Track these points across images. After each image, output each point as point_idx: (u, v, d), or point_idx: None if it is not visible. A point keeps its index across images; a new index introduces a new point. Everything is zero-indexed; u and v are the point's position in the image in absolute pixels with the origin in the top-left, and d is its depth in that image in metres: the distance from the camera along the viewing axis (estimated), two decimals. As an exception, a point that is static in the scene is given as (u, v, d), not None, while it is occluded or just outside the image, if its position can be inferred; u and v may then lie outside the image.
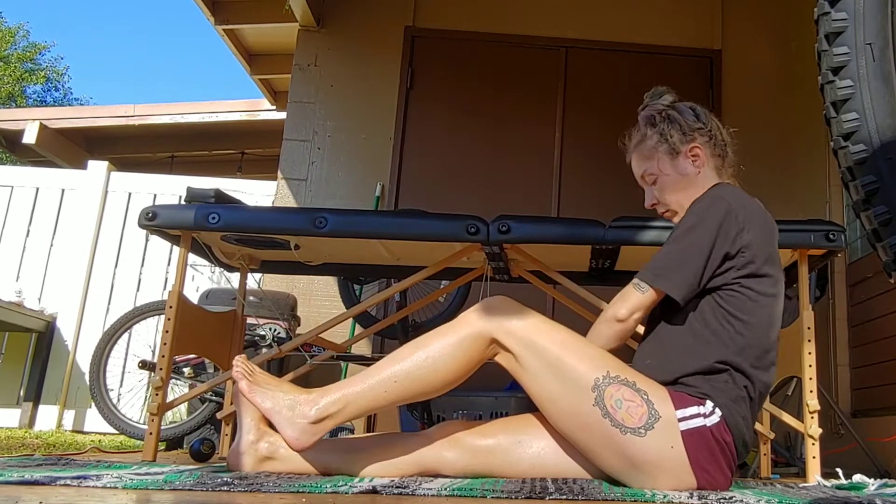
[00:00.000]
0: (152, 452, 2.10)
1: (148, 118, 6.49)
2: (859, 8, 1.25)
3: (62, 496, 1.13)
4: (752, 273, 1.50)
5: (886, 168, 1.22)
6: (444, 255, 2.28)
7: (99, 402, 3.38)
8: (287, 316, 3.47)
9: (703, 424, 1.43)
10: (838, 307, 3.55)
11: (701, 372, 1.47)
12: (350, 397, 1.52)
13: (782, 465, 3.02)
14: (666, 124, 1.69)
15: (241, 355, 1.67)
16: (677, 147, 1.66)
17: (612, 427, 1.41)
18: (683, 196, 1.66)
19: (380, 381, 1.51)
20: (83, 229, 4.79)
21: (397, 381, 1.50)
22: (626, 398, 1.42)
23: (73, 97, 19.98)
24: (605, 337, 1.58)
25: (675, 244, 1.55)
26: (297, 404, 1.54)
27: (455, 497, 1.27)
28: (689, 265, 1.50)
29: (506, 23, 4.49)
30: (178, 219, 2.19)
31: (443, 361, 1.50)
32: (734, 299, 1.50)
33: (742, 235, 1.50)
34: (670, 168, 1.67)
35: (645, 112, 1.75)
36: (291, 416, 1.53)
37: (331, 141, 4.34)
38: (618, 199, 4.20)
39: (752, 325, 1.49)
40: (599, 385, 1.43)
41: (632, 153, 1.76)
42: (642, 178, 1.74)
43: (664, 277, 1.52)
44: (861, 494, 1.44)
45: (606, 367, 1.46)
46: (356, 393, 1.52)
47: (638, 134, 1.74)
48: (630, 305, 1.54)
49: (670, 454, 1.41)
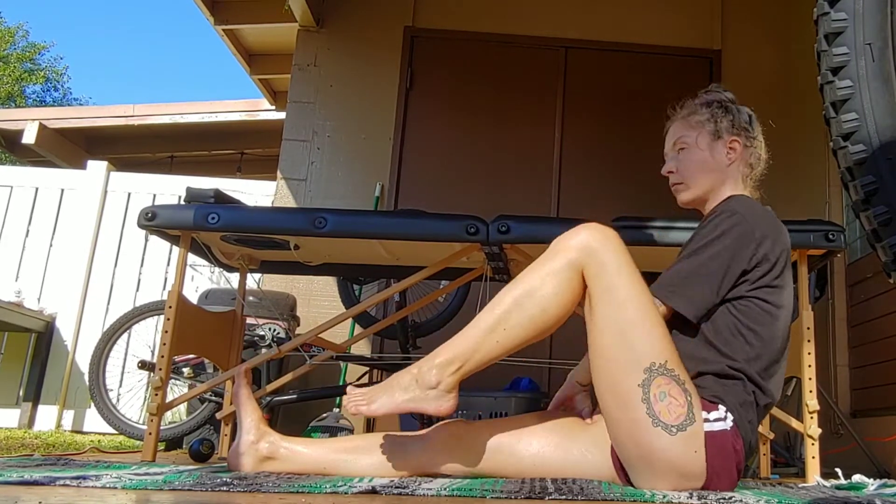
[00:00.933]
0: (151, 452, 2.10)
1: (147, 118, 6.49)
2: (859, 8, 1.25)
3: (61, 496, 1.13)
4: (766, 285, 1.50)
5: (886, 168, 1.22)
6: (444, 255, 2.28)
7: (98, 403, 3.38)
8: (286, 316, 3.47)
9: (723, 429, 1.42)
10: (838, 307, 3.55)
11: (713, 374, 1.47)
12: (461, 357, 1.45)
13: (782, 465, 3.02)
14: (721, 111, 1.70)
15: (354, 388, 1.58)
16: (721, 133, 1.67)
17: (647, 414, 1.38)
18: (701, 176, 1.67)
19: (488, 332, 1.45)
20: (83, 229, 4.79)
21: (506, 329, 1.44)
22: (671, 394, 1.39)
23: (73, 97, 19.99)
24: None
25: (692, 260, 1.53)
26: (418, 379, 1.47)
27: (455, 497, 1.27)
28: (703, 284, 1.49)
29: (505, 23, 4.49)
30: (178, 219, 2.18)
31: (547, 300, 1.45)
32: (747, 310, 1.50)
33: (758, 251, 1.50)
34: (706, 146, 1.68)
35: (707, 95, 1.75)
36: (423, 394, 1.46)
37: (330, 141, 4.34)
38: (617, 199, 4.21)
39: (763, 336, 1.49)
40: (654, 370, 1.39)
41: (676, 121, 1.76)
42: (675, 144, 1.73)
43: (678, 295, 1.50)
44: (860, 494, 1.44)
45: (666, 356, 1.41)
46: (466, 349, 1.45)
47: (691, 106, 1.74)
48: None
49: (692, 458, 1.39)
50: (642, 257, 2.32)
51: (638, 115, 4.29)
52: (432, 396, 1.45)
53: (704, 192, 1.69)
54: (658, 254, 2.25)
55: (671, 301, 1.50)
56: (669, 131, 1.77)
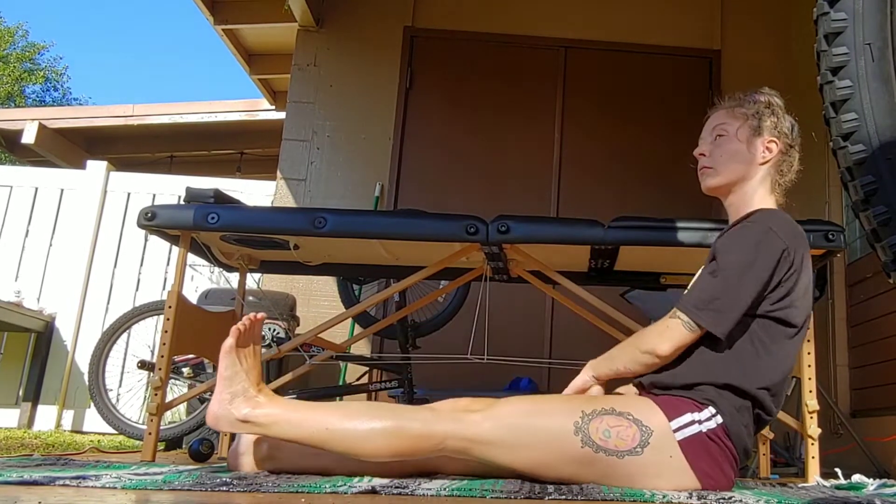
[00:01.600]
0: (151, 452, 2.10)
1: (147, 118, 6.49)
2: (858, 8, 1.25)
3: (61, 496, 1.13)
4: (786, 306, 1.50)
5: (886, 168, 1.22)
6: (444, 255, 2.28)
7: (98, 402, 3.38)
8: (286, 316, 3.47)
9: (699, 431, 1.43)
10: (838, 307, 3.55)
11: (714, 385, 1.47)
12: (283, 422, 1.50)
13: (782, 465, 3.02)
14: (768, 110, 1.69)
15: (258, 315, 1.64)
16: (762, 131, 1.66)
17: (609, 457, 1.41)
18: (733, 166, 1.65)
19: (316, 423, 1.48)
20: (82, 229, 4.78)
21: (328, 430, 1.46)
22: (611, 426, 1.42)
23: (73, 97, 19.98)
24: (640, 364, 1.55)
25: (729, 280, 1.50)
26: (242, 395, 1.53)
27: (455, 497, 1.27)
28: (740, 305, 1.48)
29: (505, 23, 4.49)
30: (178, 219, 2.18)
31: (378, 444, 1.45)
32: (763, 328, 1.49)
33: (790, 274, 1.50)
34: (745, 138, 1.66)
35: (756, 94, 1.74)
36: (228, 399, 1.53)
37: (330, 141, 4.34)
38: (617, 199, 4.22)
39: (774, 354, 1.49)
40: (580, 427, 1.42)
41: (721, 108, 1.73)
42: (713, 129, 1.71)
43: (715, 319, 1.48)
44: (860, 494, 1.44)
45: (579, 409, 1.45)
46: (288, 420, 1.50)
47: (739, 99, 1.72)
48: (675, 343, 1.50)
49: (670, 463, 1.41)
50: (643, 257, 2.33)
51: (638, 115, 4.30)
52: (224, 412, 1.53)
53: (731, 182, 1.66)
54: (658, 254, 2.25)
55: (707, 324, 1.48)
56: (711, 118, 1.74)
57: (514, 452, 1.44)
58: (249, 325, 1.61)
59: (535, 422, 1.45)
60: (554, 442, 1.43)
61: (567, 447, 1.42)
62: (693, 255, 2.13)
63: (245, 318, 1.62)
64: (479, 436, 1.44)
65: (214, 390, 1.57)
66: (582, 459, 1.42)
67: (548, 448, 1.43)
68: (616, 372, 1.59)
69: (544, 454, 1.44)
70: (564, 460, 1.43)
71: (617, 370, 1.59)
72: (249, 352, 1.60)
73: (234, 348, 1.57)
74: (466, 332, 2.46)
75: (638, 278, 2.55)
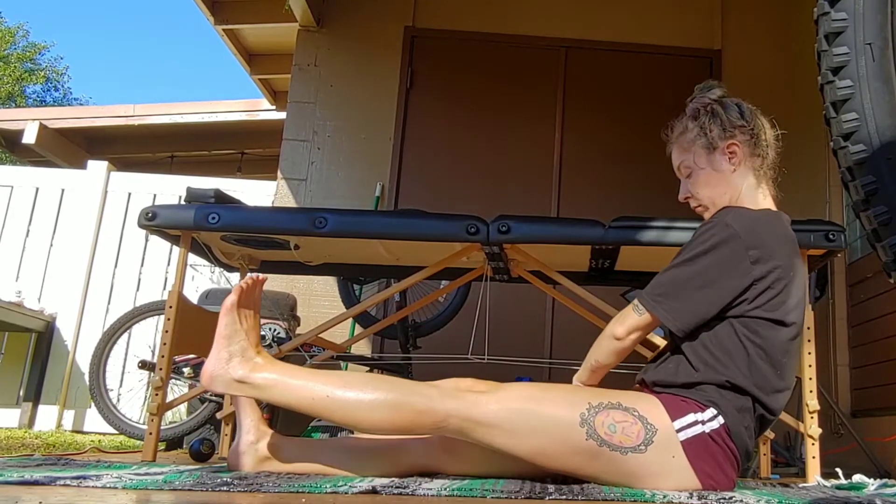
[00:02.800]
0: (152, 452, 2.10)
1: (147, 118, 6.49)
2: (859, 8, 1.25)
3: (62, 496, 1.13)
4: (768, 300, 1.48)
5: (886, 168, 1.22)
6: (444, 255, 2.28)
7: (98, 402, 3.38)
8: (287, 316, 3.47)
9: (701, 431, 1.43)
10: (838, 307, 3.55)
11: (714, 384, 1.47)
12: (281, 386, 1.48)
13: (782, 465, 3.02)
14: (708, 118, 1.65)
15: (260, 276, 1.63)
16: (715, 142, 1.63)
17: (613, 452, 1.41)
18: (715, 192, 1.63)
19: (316, 390, 1.46)
20: (83, 229, 4.79)
21: (329, 397, 1.45)
22: (617, 420, 1.42)
23: (73, 97, 19.99)
24: (604, 351, 1.59)
25: (681, 271, 1.52)
26: (240, 355, 1.52)
27: (455, 497, 1.27)
28: (689, 297, 1.49)
29: (506, 23, 4.49)
30: (178, 219, 2.18)
31: (379, 416, 1.44)
32: (751, 328, 1.48)
33: (753, 270, 1.47)
34: (705, 162, 1.64)
35: (691, 104, 1.71)
36: (226, 358, 1.52)
37: (330, 141, 4.34)
38: (618, 199, 4.22)
39: (769, 353, 1.48)
40: (587, 419, 1.41)
41: (673, 144, 1.72)
42: (678, 169, 1.71)
43: (662, 306, 1.51)
44: (861, 494, 1.44)
45: (586, 401, 1.44)
46: (287, 385, 1.48)
47: (680, 125, 1.70)
48: (627, 326, 1.55)
49: (672, 463, 1.41)
50: (643, 257, 2.33)
51: (638, 115, 4.29)
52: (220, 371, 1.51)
53: (727, 204, 1.63)
54: (659, 254, 2.25)
55: (655, 311, 1.51)
56: (672, 156, 1.73)
57: (516, 438, 1.43)
58: (252, 284, 1.59)
59: (540, 409, 1.44)
60: (558, 431, 1.42)
61: (571, 438, 1.41)
62: (693, 255, 2.13)
63: (247, 277, 1.61)
64: (482, 417, 1.42)
65: (212, 349, 1.54)
66: (585, 452, 1.41)
67: (551, 437, 1.42)
68: (592, 368, 1.62)
69: (547, 442, 1.42)
70: (567, 451, 1.42)
71: (591, 366, 1.62)
72: (250, 313, 1.59)
73: (235, 306, 1.55)
74: (467, 332, 2.46)
75: (638, 278, 2.55)
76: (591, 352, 1.63)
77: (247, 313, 1.58)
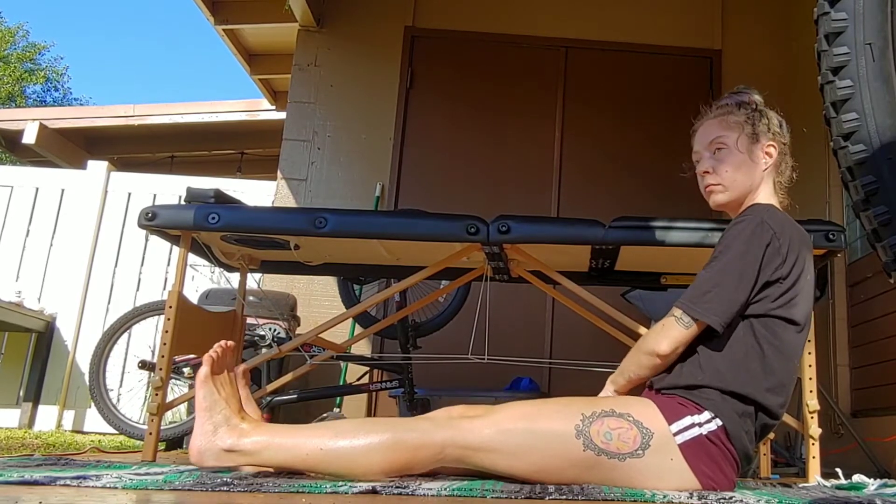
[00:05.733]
0: (152, 452, 2.10)
1: (148, 118, 6.49)
2: (859, 8, 1.25)
3: (62, 496, 1.13)
4: (790, 301, 1.49)
5: (886, 168, 1.22)
6: (444, 255, 2.28)
7: (98, 402, 3.38)
8: (287, 316, 3.47)
9: (699, 434, 1.43)
10: (838, 307, 3.55)
11: (719, 390, 1.47)
12: (273, 447, 1.46)
13: (782, 465, 3.02)
14: (757, 114, 1.66)
15: (227, 342, 1.61)
16: (759, 136, 1.64)
17: (611, 459, 1.41)
18: (739, 178, 1.63)
19: (308, 445, 1.44)
20: (83, 229, 4.79)
21: (322, 450, 1.43)
22: (612, 428, 1.42)
23: (73, 97, 20.01)
24: (646, 368, 1.55)
25: (714, 266, 1.52)
26: (224, 424, 1.49)
27: (455, 497, 1.27)
28: (734, 295, 1.48)
29: (506, 23, 4.49)
30: (178, 219, 2.18)
31: (376, 459, 1.42)
32: (767, 328, 1.49)
33: (783, 267, 1.49)
34: (745, 148, 1.63)
35: (739, 96, 1.71)
36: (211, 430, 1.49)
37: (331, 141, 4.34)
38: (618, 199, 4.22)
39: (782, 352, 1.49)
40: (582, 430, 1.41)
41: (710, 119, 1.69)
42: (711, 143, 1.66)
43: (711, 311, 1.48)
44: (861, 494, 1.44)
45: (579, 412, 1.44)
46: (279, 445, 1.46)
47: (726, 106, 1.68)
48: (673, 341, 1.50)
49: (671, 465, 1.41)
50: (643, 257, 2.33)
51: (638, 115, 4.30)
52: (208, 445, 1.48)
53: (741, 195, 1.64)
54: (658, 254, 2.25)
55: (704, 317, 1.48)
56: (701, 130, 1.70)
57: (515, 458, 1.43)
58: (221, 353, 1.58)
59: (535, 426, 1.44)
60: (555, 446, 1.42)
61: (569, 451, 1.41)
62: (693, 255, 2.13)
63: (216, 346, 1.59)
64: (479, 443, 1.42)
65: (195, 424, 1.51)
66: (584, 463, 1.42)
67: (550, 453, 1.42)
68: (628, 380, 1.59)
69: (546, 459, 1.43)
70: (566, 464, 1.42)
71: (629, 378, 1.59)
72: (225, 379, 1.57)
73: (209, 377, 1.54)
74: (467, 332, 2.46)
75: (638, 278, 2.55)
76: (628, 363, 1.59)
77: (222, 380, 1.57)
